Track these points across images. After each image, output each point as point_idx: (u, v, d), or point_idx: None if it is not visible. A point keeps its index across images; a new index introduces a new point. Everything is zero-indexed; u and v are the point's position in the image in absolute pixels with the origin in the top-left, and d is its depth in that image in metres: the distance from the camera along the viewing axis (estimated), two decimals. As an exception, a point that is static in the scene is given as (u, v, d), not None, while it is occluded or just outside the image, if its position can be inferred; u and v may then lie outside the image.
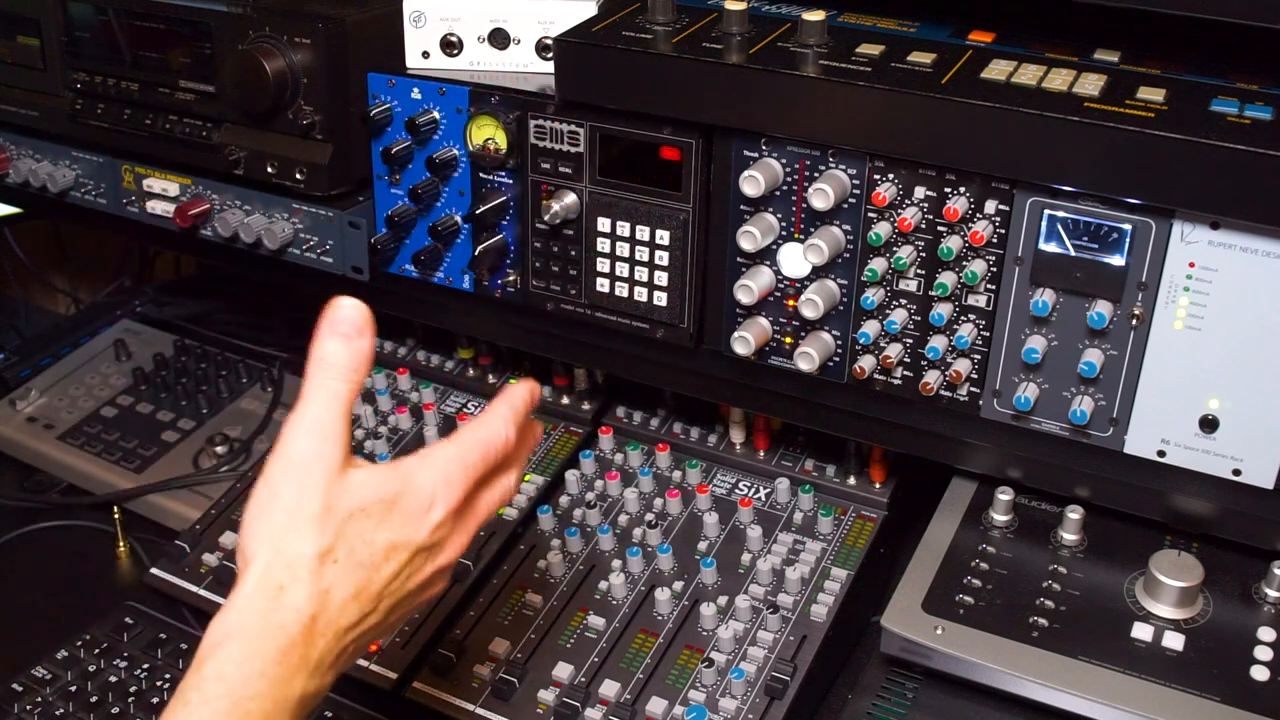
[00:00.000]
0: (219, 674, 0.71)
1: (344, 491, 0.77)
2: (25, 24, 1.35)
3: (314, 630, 0.74)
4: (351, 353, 0.79)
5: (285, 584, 0.74)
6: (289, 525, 0.75)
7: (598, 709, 1.05)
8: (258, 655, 0.72)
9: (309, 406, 0.78)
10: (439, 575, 0.83)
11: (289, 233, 1.25)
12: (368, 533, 0.77)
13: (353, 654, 0.79)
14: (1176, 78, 0.95)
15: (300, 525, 0.75)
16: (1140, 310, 0.94)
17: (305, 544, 0.75)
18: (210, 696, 0.71)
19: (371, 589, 0.77)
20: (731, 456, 1.28)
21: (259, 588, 0.74)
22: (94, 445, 1.49)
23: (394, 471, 0.79)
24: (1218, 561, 1.05)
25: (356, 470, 0.78)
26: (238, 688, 0.71)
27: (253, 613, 0.73)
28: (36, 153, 1.41)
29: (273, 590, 0.74)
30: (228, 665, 0.72)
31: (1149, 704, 0.95)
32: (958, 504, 1.14)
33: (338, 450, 0.77)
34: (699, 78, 0.99)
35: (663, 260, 1.08)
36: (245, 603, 0.74)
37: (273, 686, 0.72)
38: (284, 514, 0.75)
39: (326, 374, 0.79)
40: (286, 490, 0.76)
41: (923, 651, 1.02)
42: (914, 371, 1.04)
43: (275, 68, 1.16)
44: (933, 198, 0.98)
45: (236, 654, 0.72)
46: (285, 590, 0.74)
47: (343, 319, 0.79)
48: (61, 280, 2.11)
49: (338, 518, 0.76)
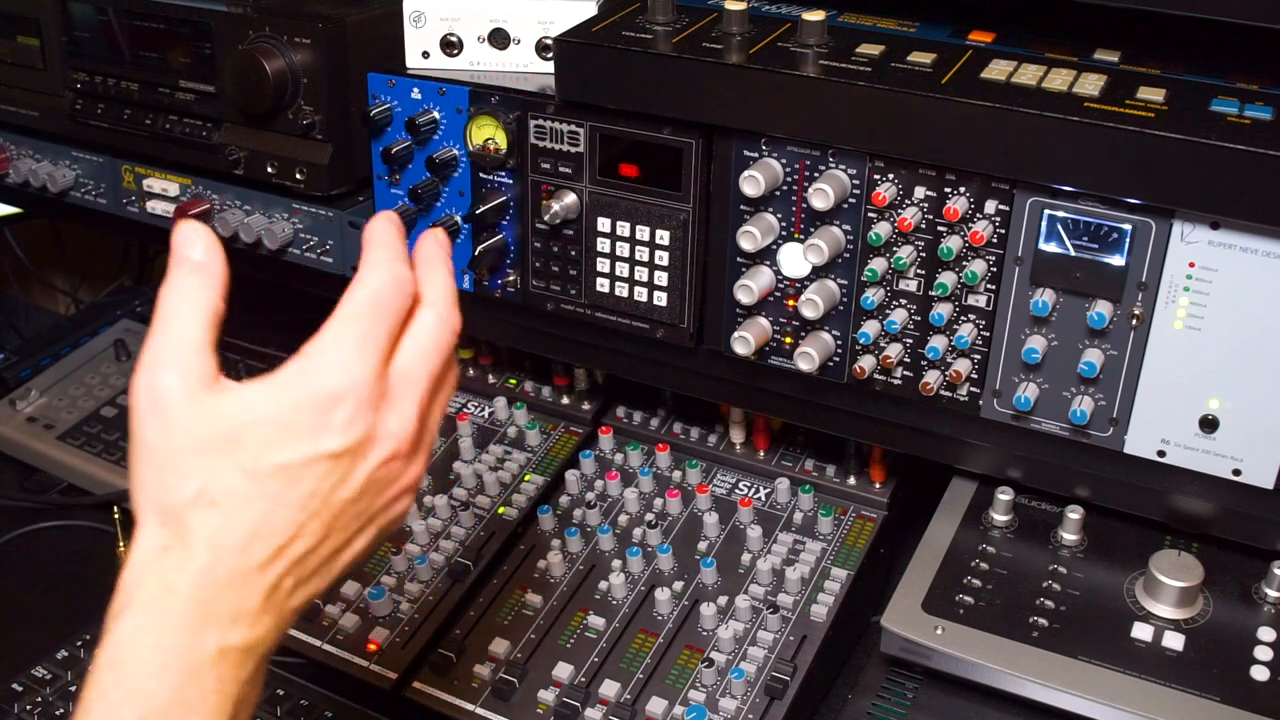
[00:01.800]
0: (111, 661, 0.63)
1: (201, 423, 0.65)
2: (25, 24, 1.35)
3: (212, 582, 0.64)
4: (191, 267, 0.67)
5: (167, 543, 0.64)
6: (155, 478, 0.65)
7: (598, 709, 1.05)
8: (147, 628, 0.63)
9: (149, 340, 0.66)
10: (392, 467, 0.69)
11: (289, 233, 1.26)
12: (248, 462, 0.65)
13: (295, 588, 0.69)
14: (1176, 78, 0.95)
15: (164, 474, 0.65)
16: (1140, 310, 0.94)
17: (174, 492, 0.64)
18: (105, 689, 0.63)
19: (278, 519, 0.66)
20: (731, 456, 1.28)
21: (143, 555, 0.65)
22: (94, 445, 1.49)
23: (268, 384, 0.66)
24: (1218, 561, 1.05)
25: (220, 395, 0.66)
26: (133, 669, 0.63)
27: (138, 585, 0.64)
28: (36, 153, 1.41)
29: (156, 554, 0.65)
30: (118, 649, 0.63)
31: (1149, 704, 0.95)
32: (958, 504, 1.14)
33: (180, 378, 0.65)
34: (699, 78, 0.99)
35: (663, 260, 1.08)
36: (132, 575, 0.65)
37: (174, 655, 0.63)
38: (147, 467, 0.65)
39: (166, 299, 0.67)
40: (143, 441, 0.65)
41: (923, 651, 1.02)
42: (914, 371, 1.04)
43: (275, 68, 1.16)
44: (933, 198, 0.98)
45: (125, 633, 0.64)
46: (169, 550, 0.64)
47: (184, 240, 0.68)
48: (61, 280, 2.11)
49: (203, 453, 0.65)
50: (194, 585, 0.64)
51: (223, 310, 0.68)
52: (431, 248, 0.74)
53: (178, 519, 0.64)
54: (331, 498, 0.67)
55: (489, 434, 1.35)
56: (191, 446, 0.64)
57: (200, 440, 0.65)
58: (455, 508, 1.26)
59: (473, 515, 1.24)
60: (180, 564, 0.64)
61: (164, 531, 0.65)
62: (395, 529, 0.76)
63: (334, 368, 0.67)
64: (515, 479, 1.29)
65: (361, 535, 0.72)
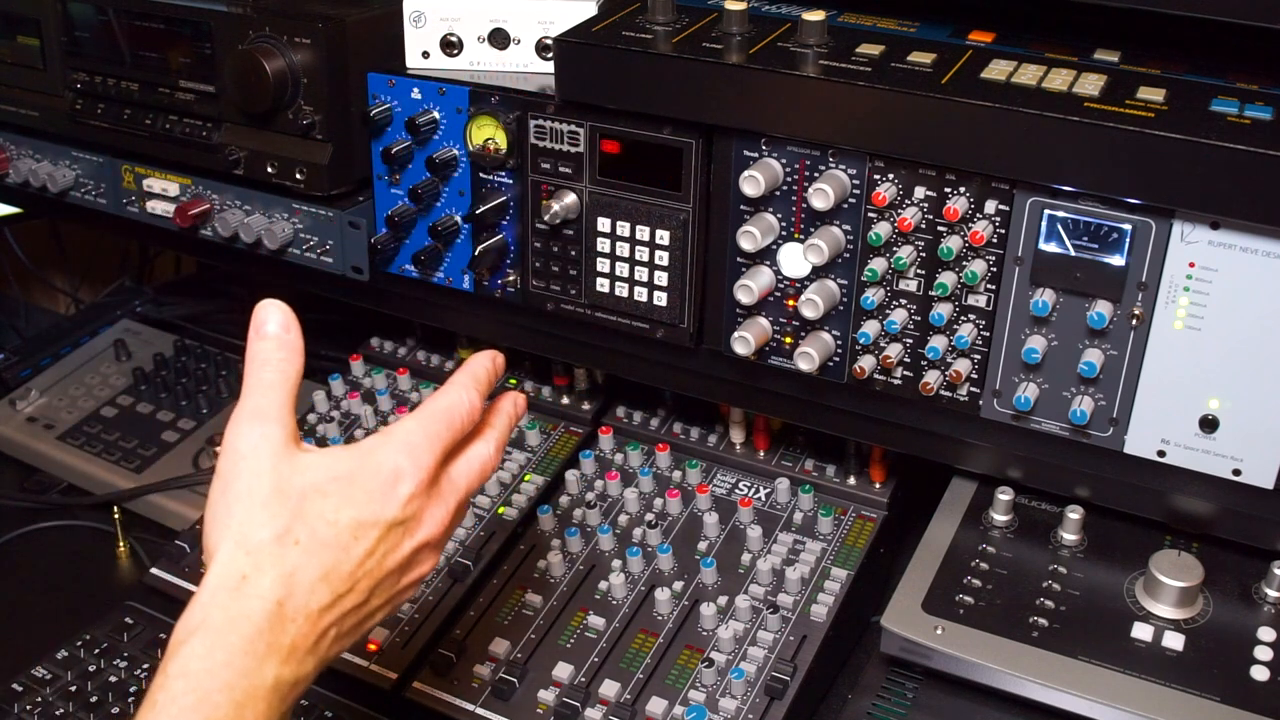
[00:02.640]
0: (183, 671, 0.70)
1: (294, 472, 0.76)
2: (25, 24, 1.35)
3: (282, 615, 0.73)
4: (279, 344, 0.79)
5: (248, 573, 0.73)
6: (245, 514, 0.74)
7: (598, 709, 1.05)
8: (221, 646, 0.70)
9: (247, 398, 0.78)
10: (423, 553, 0.81)
11: (289, 233, 1.26)
12: (329, 512, 0.75)
13: (335, 639, 0.77)
14: (1176, 78, 0.95)
15: (255, 512, 0.74)
16: (1140, 310, 0.94)
17: (262, 529, 0.74)
18: (176, 694, 0.69)
19: (342, 569, 0.75)
20: (731, 456, 1.28)
21: (222, 580, 0.73)
22: (94, 445, 1.49)
23: (350, 450, 0.78)
24: (1218, 561, 1.05)
25: (307, 452, 0.77)
26: (203, 681, 0.69)
27: (216, 606, 0.72)
28: (36, 153, 1.41)
29: (235, 581, 0.72)
30: (191, 661, 0.70)
31: (1149, 704, 0.95)
32: (958, 504, 1.14)
33: (281, 431, 0.76)
34: (699, 78, 0.99)
35: (663, 260, 1.08)
36: (208, 596, 0.72)
37: (241, 676, 0.70)
38: (238, 503, 0.75)
39: (260, 369, 0.78)
40: (237, 480, 0.75)
41: (923, 651, 1.02)
42: (914, 371, 1.04)
43: (275, 68, 1.16)
44: (933, 198, 0.98)
45: (200, 648, 0.70)
46: (248, 579, 0.72)
47: (266, 319, 0.80)
48: (61, 280, 2.11)
49: (291, 498, 0.75)
50: (266, 615, 0.72)
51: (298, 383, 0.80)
52: (509, 404, 0.89)
53: (260, 552, 0.73)
54: (383, 561, 0.78)
55: (489, 434, 1.35)
56: (283, 492, 0.75)
57: (291, 487, 0.75)
58: (455, 508, 1.26)
59: (473, 515, 1.24)
60: (258, 593, 0.72)
61: (247, 561, 0.73)
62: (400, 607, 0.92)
63: (406, 451, 0.79)
64: (515, 479, 1.29)
65: (388, 604, 0.81)
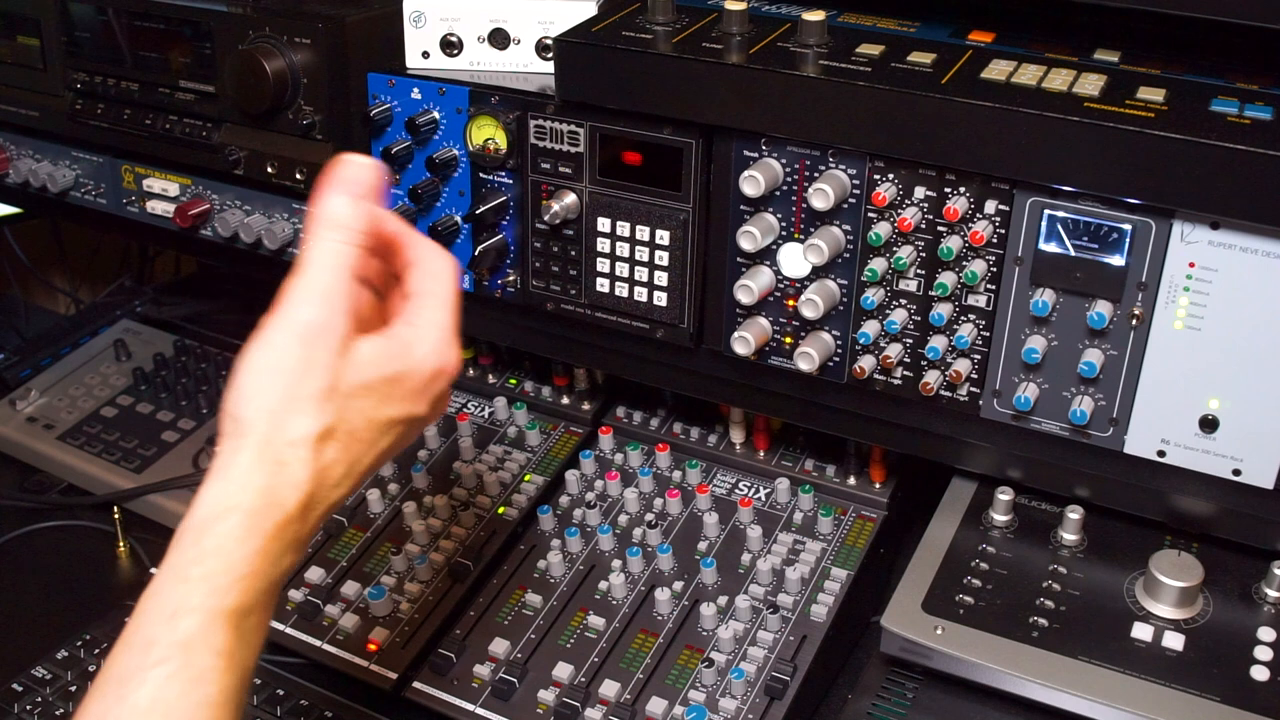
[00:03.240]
0: (219, 549, 0.68)
1: (350, 368, 0.72)
2: (25, 24, 1.35)
3: (309, 507, 0.71)
4: (359, 213, 0.74)
5: (287, 460, 0.70)
6: (292, 400, 0.71)
7: (598, 709, 1.05)
8: (257, 531, 0.69)
9: (314, 268, 0.73)
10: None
11: (289, 233, 1.26)
12: (370, 410, 0.74)
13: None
14: (1176, 78, 0.95)
15: (303, 403, 0.71)
16: (1140, 310, 0.94)
17: (309, 422, 0.71)
18: (211, 572, 0.67)
19: (364, 462, 0.75)
20: (731, 456, 1.28)
21: (258, 462, 0.70)
22: (94, 445, 1.49)
23: (399, 346, 0.75)
24: (1218, 561, 1.05)
25: (362, 343, 0.73)
26: (238, 564, 0.68)
27: (252, 488, 0.69)
28: (36, 153, 1.41)
29: (273, 465, 0.70)
30: (228, 540, 0.68)
31: (1149, 704, 0.95)
32: (958, 504, 1.14)
33: (345, 321, 0.72)
34: (699, 78, 0.99)
35: (663, 260, 1.08)
36: (244, 476, 0.70)
37: (267, 563, 0.69)
38: (286, 387, 0.71)
39: (332, 233, 0.73)
40: (290, 360, 0.71)
41: (923, 651, 1.02)
42: (914, 371, 1.04)
43: (275, 68, 1.16)
44: (933, 198, 0.98)
45: (237, 529, 0.68)
46: (286, 466, 0.70)
47: (350, 178, 0.74)
48: (61, 280, 2.11)
49: (341, 396, 0.72)
50: (297, 506, 0.71)
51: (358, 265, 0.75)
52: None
53: (302, 445, 0.71)
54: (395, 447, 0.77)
55: (489, 434, 1.35)
56: (335, 389, 0.72)
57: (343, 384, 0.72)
58: (455, 508, 1.26)
59: (473, 515, 1.24)
60: (293, 482, 0.70)
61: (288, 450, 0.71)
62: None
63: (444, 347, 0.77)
64: (515, 479, 1.29)
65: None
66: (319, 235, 0.73)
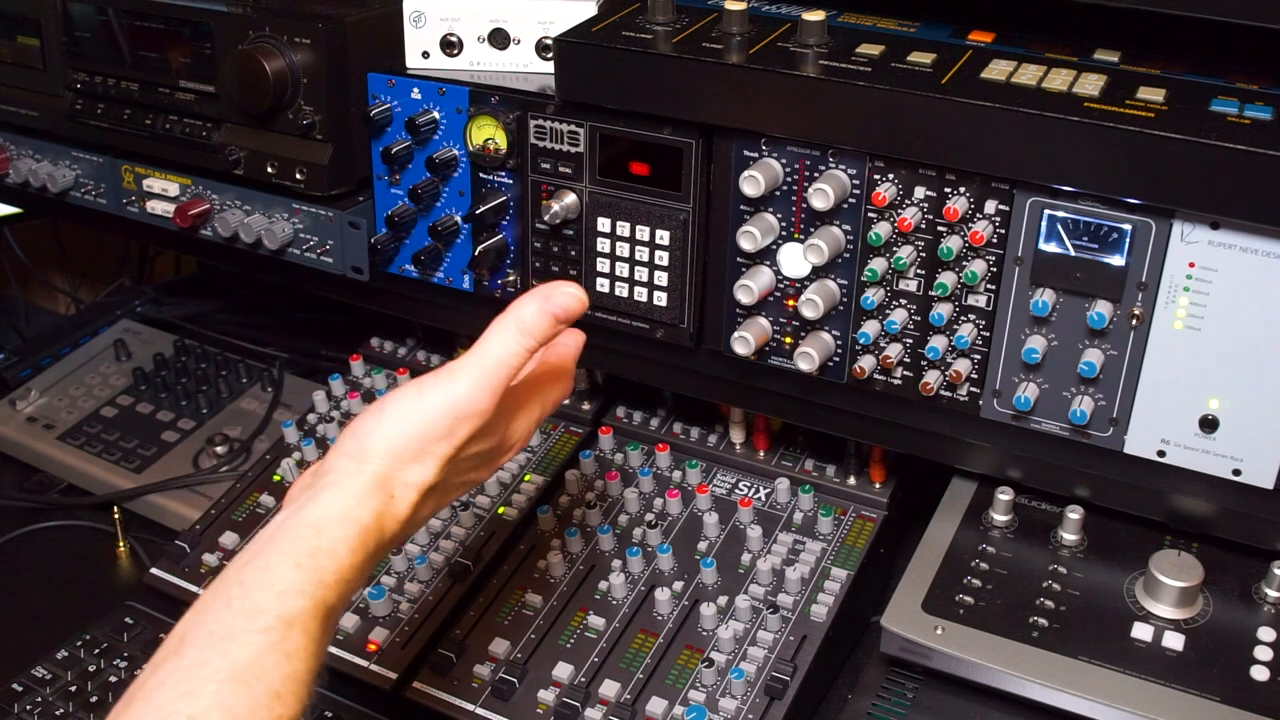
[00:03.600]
0: (332, 550, 0.74)
1: (472, 441, 0.82)
2: (25, 24, 1.35)
3: (396, 539, 0.80)
4: (549, 328, 0.82)
5: (396, 495, 0.79)
6: (420, 452, 0.79)
7: (598, 709, 1.05)
8: (361, 546, 0.76)
9: (490, 357, 0.80)
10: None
11: (289, 233, 1.26)
12: (464, 474, 0.85)
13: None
14: (1176, 78, 0.95)
15: (429, 460, 0.80)
16: (1140, 310, 0.94)
17: (425, 474, 0.80)
18: (321, 567, 0.73)
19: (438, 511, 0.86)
20: (731, 456, 1.28)
21: (376, 489, 0.78)
22: (94, 445, 1.49)
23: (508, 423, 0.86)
24: (1218, 561, 1.05)
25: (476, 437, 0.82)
26: (344, 568, 0.74)
27: (368, 508, 0.77)
28: (36, 153, 1.41)
29: (385, 497, 0.78)
30: (341, 545, 0.75)
31: (1149, 704, 0.95)
32: (958, 504, 1.14)
33: (491, 408, 0.81)
34: (699, 78, 0.99)
35: (663, 260, 1.08)
36: (363, 496, 0.77)
37: (359, 575, 0.76)
38: (420, 440, 0.79)
39: (521, 337, 0.81)
40: (435, 424, 0.79)
41: (923, 651, 1.02)
42: (914, 371, 1.04)
43: (275, 68, 1.16)
44: (933, 198, 0.98)
45: (352, 539, 0.75)
46: (395, 501, 0.79)
47: (560, 302, 0.82)
48: (61, 280, 2.11)
49: (456, 462, 0.82)
50: (390, 539, 0.79)
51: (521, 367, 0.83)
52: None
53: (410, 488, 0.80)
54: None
55: (489, 434, 1.35)
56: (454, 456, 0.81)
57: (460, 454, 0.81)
58: (455, 508, 1.26)
59: (473, 515, 1.24)
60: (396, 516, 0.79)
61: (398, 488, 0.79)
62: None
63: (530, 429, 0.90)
64: (515, 479, 1.29)
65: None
66: (508, 331, 0.81)
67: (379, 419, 0.80)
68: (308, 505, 0.77)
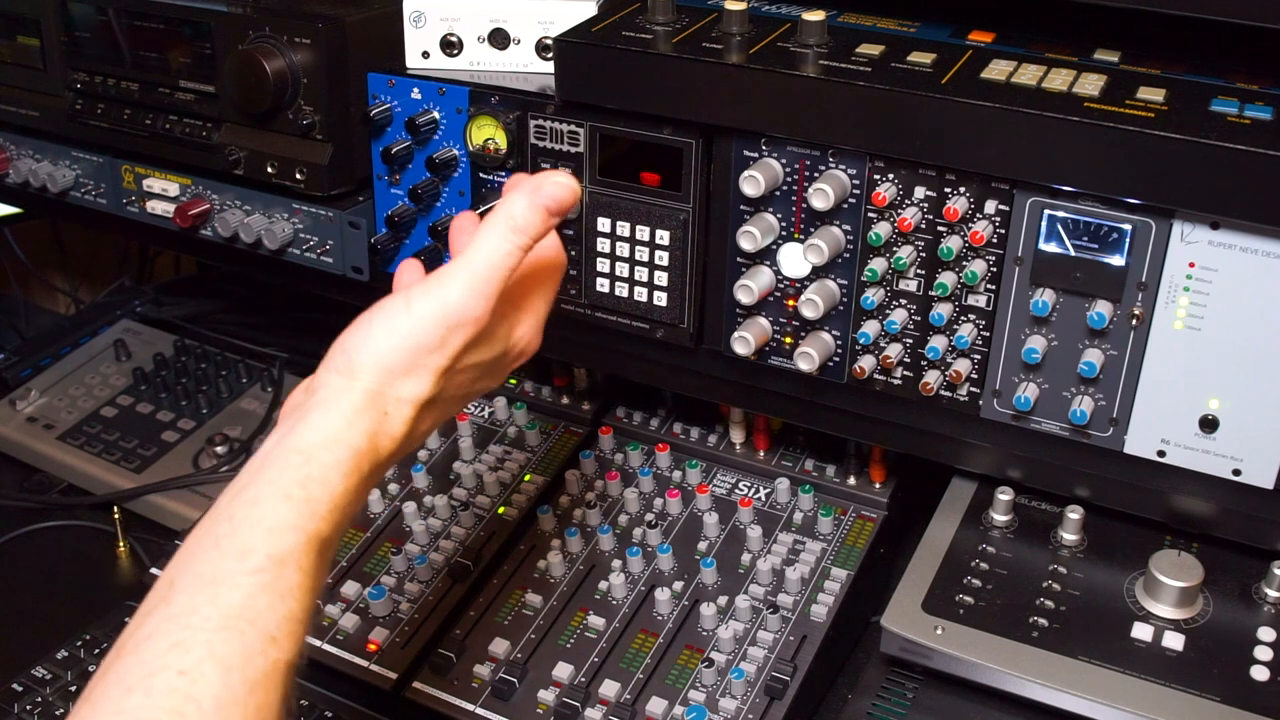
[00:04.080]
0: (324, 478, 0.71)
1: (468, 352, 0.78)
2: (25, 24, 1.35)
3: (393, 457, 0.77)
4: (542, 224, 0.77)
5: (391, 413, 0.75)
6: (412, 366, 0.75)
7: (598, 709, 1.05)
8: (355, 469, 0.73)
9: (480, 259, 0.76)
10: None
11: (289, 233, 1.25)
12: (466, 384, 0.81)
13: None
14: (1176, 78, 0.95)
15: (422, 373, 0.76)
16: (1140, 310, 0.94)
17: (419, 389, 0.76)
18: (313, 497, 0.70)
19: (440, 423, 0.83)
20: (731, 456, 1.28)
21: (368, 407, 0.74)
22: (94, 445, 1.49)
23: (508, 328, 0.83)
24: (1218, 561, 1.05)
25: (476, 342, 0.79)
26: (336, 495, 0.71)
27: (359, 429, 0.73)
28: (36, 153, 1.41)
29: (379, 414, 0.74)
30: (333, 471, 0.71)
31: (1149, 704, 0.95)
32: (958, 504, 1.14)
33: (486, 314, 0.77)
34: (699, 78, 0.99)
35: (663, 260, 1.08)
36: (354, 415, 0.73)
37: (354, 500, 0.73)
38: (411, 353, 0.75)
39: (512, 234, 0.76)
40: (426, 334, 0.75)
41: (923, 651, 1.02)
42: (914, 371, 1.04)
43: (275, 68, 1.16)
44: (933, 198, 0.98)
45: (344, 463, 0.72)
46: (389, 418, 0.75)
47: (551, 193, 0.77)
48: (61, 280, 2.11)
49: (453, 373, 0.78)
50: (388, 457, 0.76)
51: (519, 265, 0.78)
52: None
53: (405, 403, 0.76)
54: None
55: (489, 434, 1.35)
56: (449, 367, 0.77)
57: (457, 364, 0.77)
58: (455, 508, 1.26)
59: (473, 515, 1.24)
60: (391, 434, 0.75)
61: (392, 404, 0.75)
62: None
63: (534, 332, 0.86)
64: (515, 479, 1.29)
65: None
66: (498, 230, 0.76)
67: (367, 332, 0.76)
68: (297, 427, 0.73)
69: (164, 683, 0.62)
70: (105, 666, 0.65)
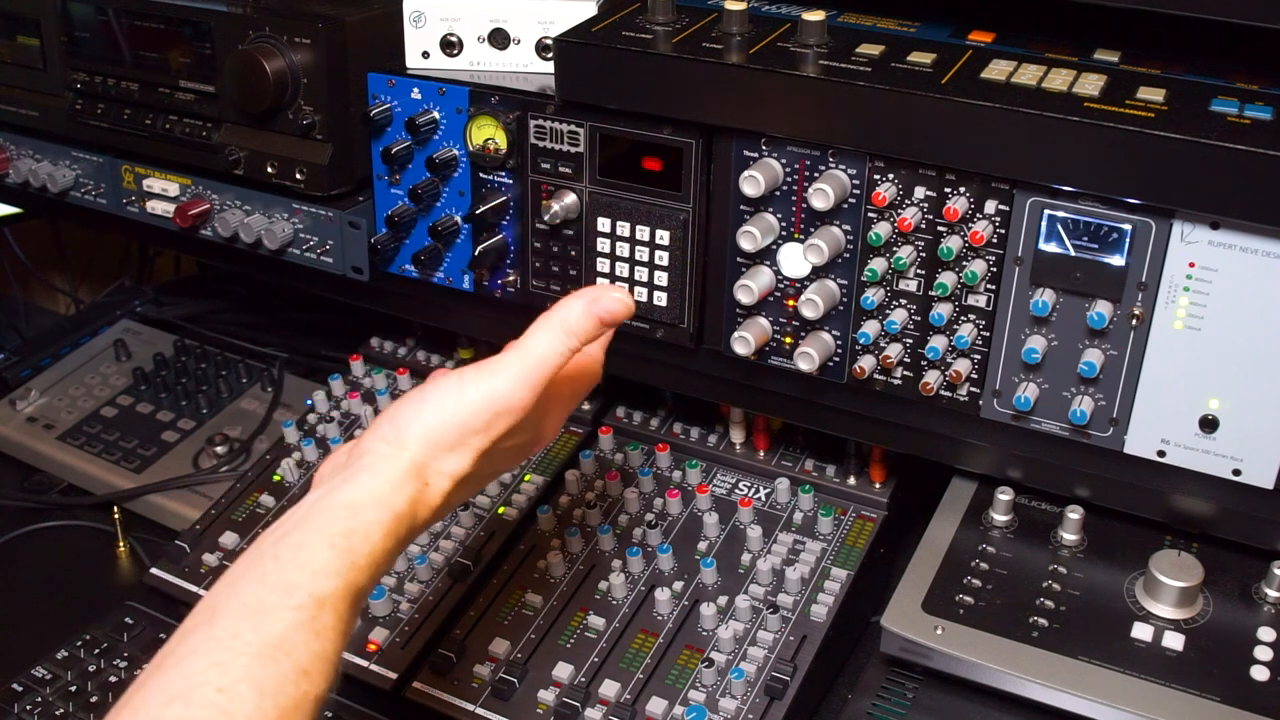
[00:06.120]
0: (366, 533, 0.75)
1: (508, 435, 0.83)
2: (25, 24, 1.35)
3: (423, 527, 0.81)
4: (593, 331, 0.83)
5: (430, 483, 0.80)
6: (457, 443, 0.81)
7: (598, 709, 1.05)
8: (393, 532, 0.77)
9: (532, 355, 0.82)
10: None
11: (289, 233, 1.26)
12: (496, 464, 0.87)
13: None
14: (1176, 78, 0.95)
15: (465, 451, 0.81)
16: (1140, 310, 0.94)
17: (460, 464, 0.81)
18: (354, 549, 0.74)
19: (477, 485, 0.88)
20: (731, 456, 1.28)
21: (412, 475, 0.79)
22: (94, 445, 1.49)
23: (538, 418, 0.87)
24: (1218, 561, 1.05)
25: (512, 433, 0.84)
26: (376, 552, 0.75)
27: (403, 494, 0.78)
28: (36, 153, 1.41)
29: (420, 484, 0.79)
30: (375, 528, 0.75)
31: (1149, 704, 0.95)
32: (958, 504, 1.14)
33: (530, 405, 0.82)
34: (699, 78, 0.99)
35: (663, 260, 1.08)
36: (399, 482, 0.78)
37: (388, 560, 0.77)
38: (459, 431, 0.80)
39: (565, 336, 0.82)
40: (473, 417, 0.81)
41: (923, 651, 1.02)
42: (914, 371, 1.04)
43: (275, 68, 1.16)
44: (933, 198, 0.98)
45: (386, 523, 0.76)
46: (429, 489, 0.80)
47: (607, 306, 0.83)
48: (61, 280, 2.11)
49: (491, 452, 0.83)
50: (421, 524, 0.80)
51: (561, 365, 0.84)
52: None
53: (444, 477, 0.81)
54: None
55: (489, 434, 1.35)
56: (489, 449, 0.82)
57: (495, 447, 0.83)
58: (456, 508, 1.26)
59: (473, 515, 1.24)
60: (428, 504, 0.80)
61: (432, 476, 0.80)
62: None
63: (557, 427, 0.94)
64: (515, 479, 1.29)
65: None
66: (553, 330, 0.83)
67: (419, 407, 0.81)
68: (344, 486, 0.77)
69: (203, 697, 0.65)
70: (144, 678, 0.68)
